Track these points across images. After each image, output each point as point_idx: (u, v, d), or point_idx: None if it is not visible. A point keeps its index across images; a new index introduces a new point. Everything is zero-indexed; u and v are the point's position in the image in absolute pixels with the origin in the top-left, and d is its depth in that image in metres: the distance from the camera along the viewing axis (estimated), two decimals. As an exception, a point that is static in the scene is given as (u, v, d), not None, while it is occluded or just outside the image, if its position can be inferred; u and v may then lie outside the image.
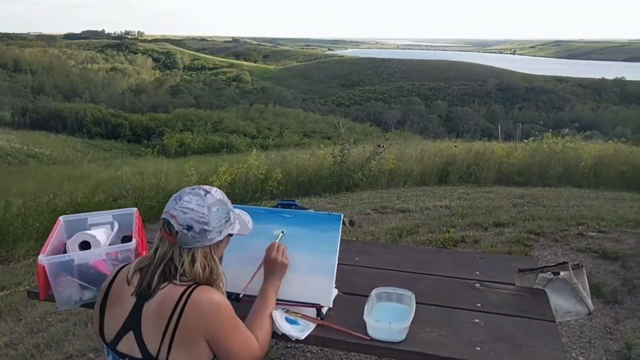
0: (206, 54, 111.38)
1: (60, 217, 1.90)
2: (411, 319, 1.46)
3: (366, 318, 1.48)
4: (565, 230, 4.51)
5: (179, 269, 1.32)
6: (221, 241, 1.40)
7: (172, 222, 1.32)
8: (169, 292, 1.29)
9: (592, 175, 7.42)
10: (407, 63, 78.61)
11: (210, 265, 1.36)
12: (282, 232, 1.72)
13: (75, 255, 1.66)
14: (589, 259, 3.90)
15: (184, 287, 1.29)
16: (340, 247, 1.66)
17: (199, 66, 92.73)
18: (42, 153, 24.31)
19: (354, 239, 4.23)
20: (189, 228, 1.32)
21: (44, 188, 7.43)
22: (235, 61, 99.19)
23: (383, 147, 7.94)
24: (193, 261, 1.33)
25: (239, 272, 1.65)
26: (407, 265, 2.01)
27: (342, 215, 1.72)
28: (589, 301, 1.75)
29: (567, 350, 2.77)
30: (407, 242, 4.39)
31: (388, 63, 79.23)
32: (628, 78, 59.96)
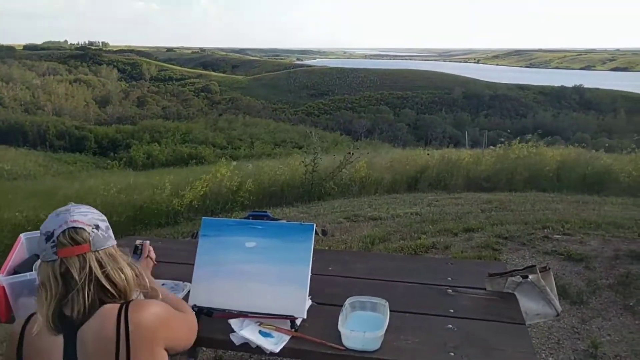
0: (173, 64, 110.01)
1: (21, 235, 1.82)
2: (385, 328, 1.47)
3: (341, 328, 1.47)
4: (531, 233, 4.63)
5: (109, 279, 1.22)
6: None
7: (79, 226, 1.22)
8: (104, 316, 1.20)
9: (556, 179, 7.66)
10: (375, 72, 79.70)
11: (128, 262, 1.31)
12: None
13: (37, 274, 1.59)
14: (555, 261, 4.01)
15: (117, 307, 1.21)
16: (313, 257, 1.66)
17: (166, 77, 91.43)
18: (2, 168, 23.41)
19: (326, 248, 4.23)
20: (97, 227, 1.25)
21: (5, 204, 7.14)
22: (204, 72, 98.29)
23: (352, 153, 7.99)
24: (114, 260, 1.26)
25: (210, 286, 1.63)
26: (380, 273, 2.02)
27: (315, 225, 1.71)
28: (556, 303, 1.79)
29: (537, 352, 2.82)
30: (379, 250, 4.41)
31: (356, 73, 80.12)
32: (585, 85, 62.44)
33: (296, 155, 10.63)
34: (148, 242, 1.82)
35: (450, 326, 1.58)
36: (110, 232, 1.30)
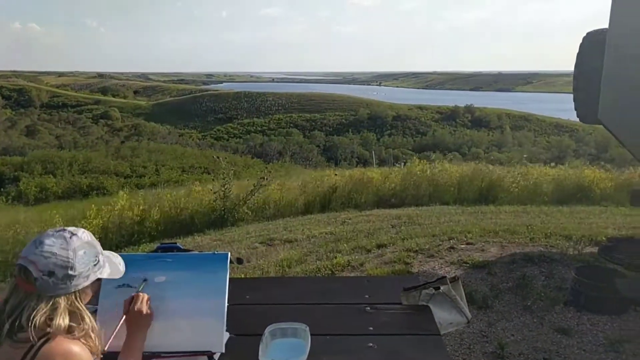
0: (67, 90, 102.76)
1: None
2: (307, 353, 1.44)
3: (262, 358, 1.42)
4: (439, 245, 4.89)
5: (30, 321, 1.14)
6: (88, 287, 1.26)
7: (31, 268, 1.17)
8: (7, 354, 1.12)
9: (457, 192, 8.20)
10: (283, 96, 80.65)
11: (77, 314, 1.21)
12: (145, 280, 1.58)
13: None
14: (461, 269, 4.25)
15: (27, 347, 1.12)
16: (229, 286, 1.59)
17: (60, 103, 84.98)
18: None
19: (242, 276, 4.12)
20: (51, 274, 1.18)
21: None
22: (102, 97, 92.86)
23: (266, 178, 7.95)
24: (54, 310, 1.17)
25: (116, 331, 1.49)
26: (298, 297, 1.99)
27: (229, 253, 1.65)
28: (466, 310, 1.88)
29: (451, 359, 2.95)
30: (296, 272, 4.39)
31: (264, 96, 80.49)
32: (475, 105, 68.21)
33: (206, 180, 10.35)
34: (141, 294, 1.51)
35: (371, 344, 1.59)
36: (74, 279, 1.21)
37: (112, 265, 1.38)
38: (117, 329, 1.47)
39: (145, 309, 1.48)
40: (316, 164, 28.64)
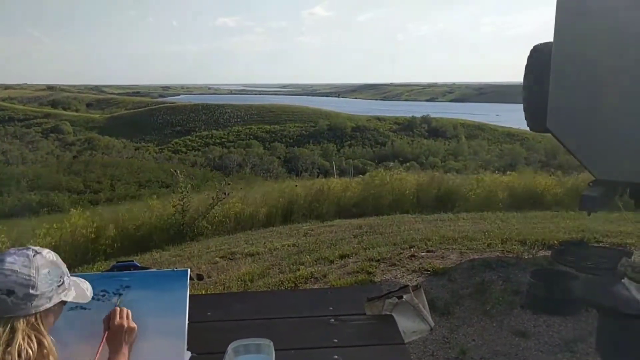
0: (14, 103, 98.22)
1: None
2: (272, 369, 1.41)
3: (225, 378, 1.38)
4: (400, 253, 4.95)
5: None
6: (50, 309, 1.18)
7: None
8: None
9: (416, 201, 8.35)
10: (242, 108, 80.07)
11: (37, 338, 1.13)
12: (120, 294, 1.53)
13: None
14: (423, 277, 4.31)
15: None
16: (189, 304, 1.55)
17: (5, 117, 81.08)
18: None
19: (203, 292, 4.03)
20: (10, 293, 1.10)
21: None
22: (53, 110, 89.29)
23: (227, 193, 7.83)
24: (12, 332, 1.09)
25: (68, 356, 1.41)
26: (262, 312, 1.96)
27: (189, 270, 1.60)
28: (429, 318, 1.90)
29: (416, 367, 2.97)
30: (259, 286, 4.33)
31: (223, 108, 79.63)
32: (432, 115, 70.03)
33: (164, 194, 10.10)
34: (118, 309, 1.45)
35: (336, 357, 1.58)
36: (35, 300, 1.13)
37: (78, 289, 1.30)
38: (99, 351, 1.39)
39: (127, 323, 1.41)
40: (277, 176, 28.53)
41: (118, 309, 1.45)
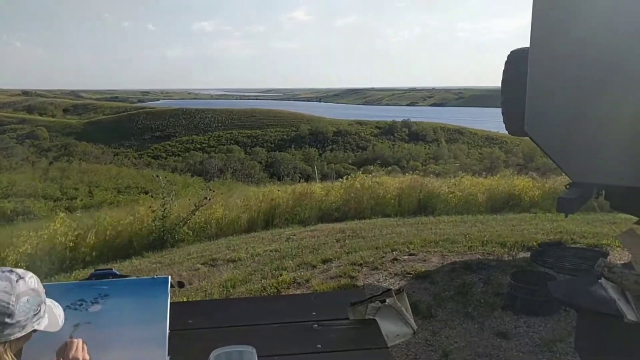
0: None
1: None
2: (255, 377, 1.39)
3: (207, 386, 1.36)
4: (382, 257, 4.96)
5: None
6: (22, 338, 1.15)
7: None
8: None
9: (397, 204, 8.39)
10: (223, 112, 79.58)
11: None
12: (76, 325, 1.46)
13: None
14: (405, 280, 4.33)
15: None
16: (170, 311, 1.53)
17: (-21, 123, 79.16)
18: None
19: (184, 299, 3.97)
20: None
21: None
22: (28, 116, 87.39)
23: (209, 198, 7.75)
24: None
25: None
26: (244, 319, 1.94)
27: (170, 277, 1.58)
28: (412, 321, 1.91)
29: (399, 370, 2.98)
30: (241, 293, 4.29)
31: (203, 113, 79.02)
32: (412, 119, 70.67)
33: (144, 200, 9.95)
34: (75, 340, 1.36)
35: (320, 362, 1.57)
36: (9, 328, 1.10)
37: (51, 317, 1.26)
38: None
39: (82, 355, 1.33)
40: (259, 181, 28.36)
41: (74, 340, 1.37)
